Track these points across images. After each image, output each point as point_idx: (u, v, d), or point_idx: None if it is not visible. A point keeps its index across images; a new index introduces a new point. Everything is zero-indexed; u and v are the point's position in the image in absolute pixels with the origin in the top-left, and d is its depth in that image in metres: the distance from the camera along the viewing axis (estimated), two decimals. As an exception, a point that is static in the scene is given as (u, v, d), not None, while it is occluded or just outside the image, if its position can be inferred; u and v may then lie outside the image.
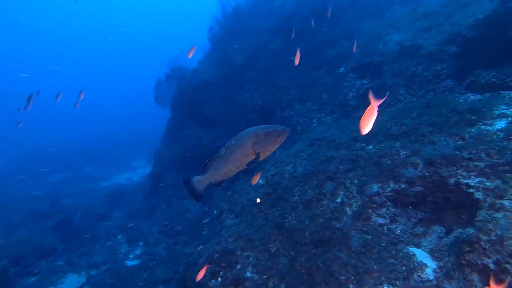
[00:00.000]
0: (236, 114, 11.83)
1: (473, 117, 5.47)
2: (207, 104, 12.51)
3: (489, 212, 3.80)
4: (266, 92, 11.68)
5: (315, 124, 9.99)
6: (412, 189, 4.80)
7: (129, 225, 12.79)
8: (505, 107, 5.51)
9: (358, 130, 7.99)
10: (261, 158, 3.58)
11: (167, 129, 14.94)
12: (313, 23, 10.06)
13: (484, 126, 5.24)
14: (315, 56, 11.42)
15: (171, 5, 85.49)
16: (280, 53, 12.07)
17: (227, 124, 12.01)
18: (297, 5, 11.86)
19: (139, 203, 15.59)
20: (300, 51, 6.94)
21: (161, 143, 15.40)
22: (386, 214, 4.99)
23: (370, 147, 6.19)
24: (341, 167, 5.98)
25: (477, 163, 4.39)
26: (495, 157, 4.35)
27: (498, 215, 3.71)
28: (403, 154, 5.54)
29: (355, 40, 9.47)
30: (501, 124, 5.12)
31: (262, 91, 11.83)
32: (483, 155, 4.45)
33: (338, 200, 5.46)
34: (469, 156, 4.56)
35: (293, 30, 10.22)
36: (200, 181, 3.87)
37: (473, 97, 6.21)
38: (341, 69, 10.41)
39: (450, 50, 7.23)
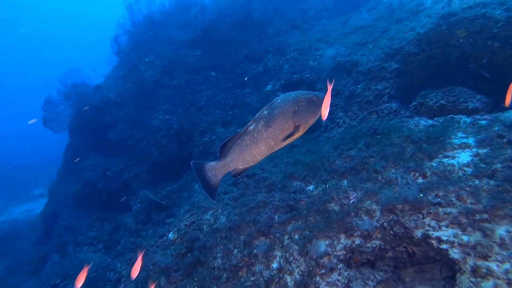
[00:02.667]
0: (147, 139, 9.82)
1: (432, 148, 4.42)
2: (112, 128, 10.29)
3: (473, 280, 2.88)
4: (183, 113, 9.92)
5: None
6: (368, 245, 3.70)
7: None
8: (463, 135, 4.60)
9: (293, 163, 5.75)
10: (300, 133, 2.95)
11: (64, 158, 12.21)
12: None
13: (446, 159, 4.29)
14: (239, 72, 10.02)
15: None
16: (199, 68, 10.44)
17: (136, 152, 9.92)
18: (217, 15, 10.41)
19: (28, 250, 12.45)
20: (224, 66, 5.36)
21: (57, 174, 12.57)
22: (339, 281, 3.66)
23: (311, 187, 4.83)
24: (276, 217, 4.51)
25: (448, 210, 3.45)
26: (469, 201, 3.44)
27: (487, 284, 2.79)
28: (354, 198, 4.29)
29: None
30: (465, 157, 4.16)
31: (178, 112, 10.03)
32: (454, 199, 3.53)
33: (275, 265, 4.04)
34: (437, 200, 3.59)
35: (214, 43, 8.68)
36: (215, 169, 3.03)
37: (424, 122, 5.20)
38: (269, 87, 9.12)
39: (391, 67, 6.27)
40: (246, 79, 9.45)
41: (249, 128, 2.93)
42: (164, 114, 10.01)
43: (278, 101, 2.95)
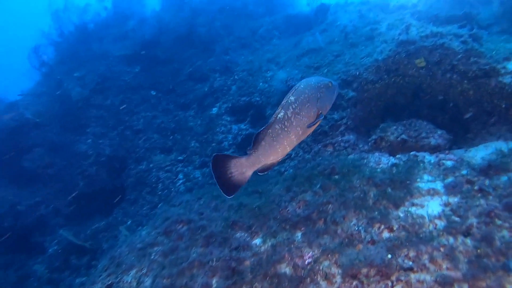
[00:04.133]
0: (72, 168, 8.48)
1: (397, 194, 3.88)
2: (28, 154, 8.77)
3: None
4: (117, 137, 8.77)
5: (181, 182, 7.52)
6: (327, 320, 2.88)
7: None
8: (429, 178, 4.15)
9: (237, 207, 4.41)
10: (320, 121, 2.81)
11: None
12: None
13: (414, 209, 3.80)
14: (182, 92, 9.13)
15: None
16: (137, 86, 9.40)
17: (57, 182, 8.51)
18: (159, 29, 9.49)
19: None
20: (165, 85, 4.51)
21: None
22: None
23: (257, 240, 4.05)
24: (214, 283, 3.64)
25: (422, 277, 2.88)
26: (445, 265, 2.91)
27: None
28: (309, 257, 3.59)
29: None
30: (435, 206, 3.71)
31: (111, 135, 8.86)
32: (427, 262, 2.97)
33: None
34: (408, 264, 3.01)
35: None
36: (243, 165, 2.73)
37: (385, 159, 4.69)
38: (214, 110, 8.33)
39: (348, 95, 5.79)
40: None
41: (279, 115, 2.73)
42: (94, 138, 8.76)
43: (302, 86, 2.79)
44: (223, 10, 10.01)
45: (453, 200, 3.67)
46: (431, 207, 3.66)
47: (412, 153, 4.70)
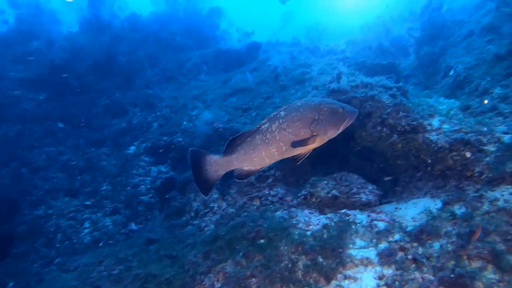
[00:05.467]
0: None
1: (329, 264, 3.48)
2: None
3: None
4: (9, 176, 7.39)
5: (87, 231, 6.43)
6: None
7: None
8: (362, 244, 3.86)
9: (144, 278, 3.14)
10: (316, 144, 2.76)
11: None
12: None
13: (347, 282, 3.54)
14: (96, 126, 8.10)
15: None
16: (41, 116, 8.16)
17: None
18: (72, 52, 8.45)
19: None
20: (77, 117, 3.85)
21: None
22: None
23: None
24: None
25: None
26: None
27: None
28: None
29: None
30: (369, 279, 3.46)
31: (2, 173, 7.42)
32: None
33: None
34: None
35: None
36: (217, 163, 2.87)
37: (316, 219, 4.31)
38: (132, 149, 7.46)
39: (277, 143, 5.34)
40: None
41: (262, 127, 2.76)
42: (-24, 176, 7.26)
43: (299, 104, 2.75)
44: (148, 39, 9.32)
45: (388, 272, 3.33)
46: (365, 280, 3.30)
47: (343, 211, 4.39)
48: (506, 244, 2.97)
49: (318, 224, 4.20)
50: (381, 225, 4.02)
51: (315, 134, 2.72)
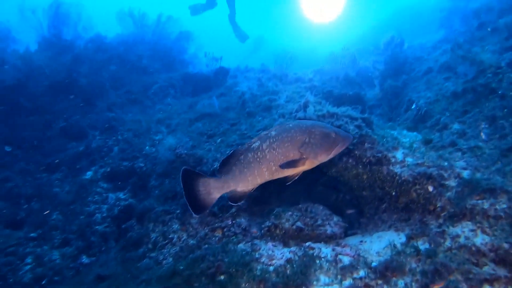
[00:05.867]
0: None
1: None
2: None
3: None
4: None
5: (28, 268, 5.89)
6: None
7: None
8: (327, 281, 3.83)
9: None
10: (306, 167, 2.79)
11: None
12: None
13: None
14: (50, 149, 7.61)
15: None
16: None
17: None
18: (26, 72, 7.97)
19: None
20: (28, 140, 4.06)
21: None
22: None
23: None
24: None
25: None
26: None
27: None
28: None
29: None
30: None
31: None
32: None
33: None
34: None
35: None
36: (211, 185, 2.80)
37: (279, 253, 4.14)
38: (89, 174, 7.04)
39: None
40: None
41: (253, 145, 2.74)
42: None
43: (290, 125, 2.74)
44: (113, 61, 9.05)
45: (353, 314, 3.17)
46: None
47: (307, 244, 4.26)
48: (468, 284, 2.91)
49: (282, 258, 4.02)
50: (346, 260, 3.90)
51: (304, 157, 2.69)
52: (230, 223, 4.85)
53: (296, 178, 2.89)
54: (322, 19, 19.34)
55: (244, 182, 2.82)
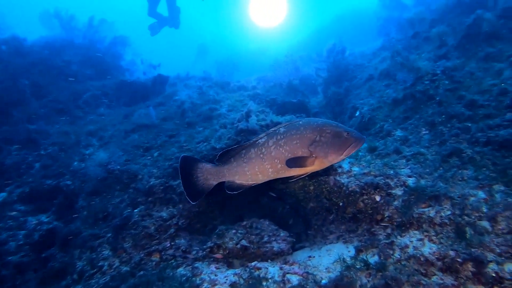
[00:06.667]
0: None
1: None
2: None
3: None
4: None
5: None
6: None
7: None
8: None
9: None
10: (314, 168, 2.67)
11: None
12: None
13: None
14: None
15: None
16: None
17: None
18: None
19: None
20: None
21: None
22: None
23: None
24: None
25: None
26: None
27: None
28: None
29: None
30: None
31: None
32: None
33: None
34: None
35: None
36: (208, 171, 2.87)
37: (222, 278, 3.86)
38: (2, 196, 6.15)
39: (180, 187, 4.84)
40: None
41: (259, 140, 2.70)
42: None
43: (300, 122, 2.67)
44: (35, 67, 8.15)
45: None
46: None
47: (253, 264, 3.99)
48: (418, 296, 2.83)
49: (226, 282, 3.71)
50: (294, 279, 3.68)
51: (314, 156, 2.58)
52: (169, 245, 4.43)
53: (302, 177, 2.83)
54: (268, 23, 19.49)
55: (242, 176, 2.79)
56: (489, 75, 5.30)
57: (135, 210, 4.74)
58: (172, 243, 4.41)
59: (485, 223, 3.18)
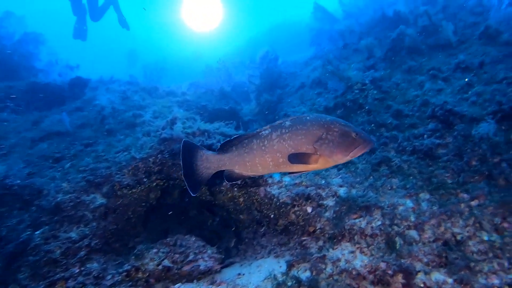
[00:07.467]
0: None
1: None
2: None
3: None
4: None
5: None
6: None
7: None
8: None
9: None
10: (317, 166, 2.61)
11: None
12: None
13: None
14: None
15: None
16: None
17: None
18: None
19: None
20: None
21: None
22: None
23: None
24: None
25: None
26: None
27: None
28: None
29: None
30: None
31: None
32: None
33: None
34: None
35: None
36: (208, 160, 2.82)
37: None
38: None
39: (95, 203, 4.34)
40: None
41: (262, 132, 2.67)
42: None
43: (308, 118, 2.62)
44: None
45: None
46: None
47: (176, 286, 3.63)
48: (351, 312, 2.71)
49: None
50: (225, 303, 3.41)
51: (318, 153, 2.52)
52: (78, 270, 3.86)
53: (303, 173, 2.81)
54: (203, 28, 19.09)
55: (242, 166, 2.73)
56: (413, 87, 5.55)
57: (37, 232, 4.08)
58: (82, 268, 3.85)
59: (413, 233, 3.18)
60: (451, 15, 7.49)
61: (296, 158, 2.57)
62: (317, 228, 3.80)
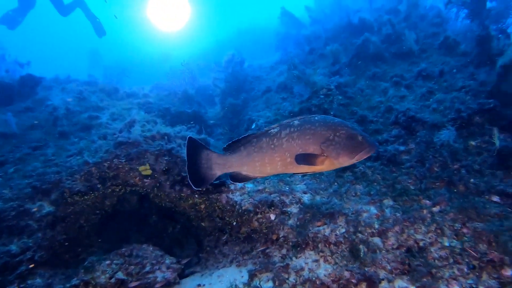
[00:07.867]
0: None
1: None
2: None
3: None
4: None
5: None
6: None
7: None
8: None
9: None
10: (323, 168, 2.64)
11: None
12: None
13: None
14: None
15: None
16: None
17: None
18: None
19: None
20: None
21: None
22: None
23: None
24: None
25: None
26: None
27: None
28: None
29: None
30: None
31: None
32: None
33: None
34: None
35: None
36: (212, 161, 2.78)
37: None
38: None
39: (42, 211, 4.02)
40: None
41: (271, 130, 2.68)
42: None
43: (316, 118, 2.65)
44: None
45: None
46: None
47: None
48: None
49: None
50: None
51: (325, 154, 2.55)
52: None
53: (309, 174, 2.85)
54: (169, 28, 18.60)
55: (250, 167, 2.70)
56: (377, 93, 5.61)
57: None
58: (22, 286, 3.50)
59: (377, 240, 3.14)
60: (413, 24, 7.71)
61: (303, 158, 2.57)
62: (280, 236, 3.68)
